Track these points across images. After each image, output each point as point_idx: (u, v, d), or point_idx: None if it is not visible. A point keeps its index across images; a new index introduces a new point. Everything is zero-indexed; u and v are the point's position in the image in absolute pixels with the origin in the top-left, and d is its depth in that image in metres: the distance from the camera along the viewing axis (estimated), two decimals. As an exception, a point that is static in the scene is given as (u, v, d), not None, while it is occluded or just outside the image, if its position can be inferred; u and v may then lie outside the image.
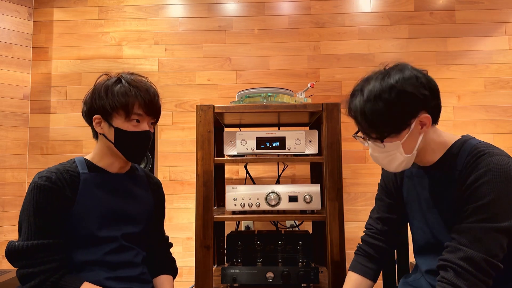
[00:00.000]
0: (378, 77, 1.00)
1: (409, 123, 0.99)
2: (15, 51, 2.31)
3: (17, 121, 2.29)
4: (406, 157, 1.02)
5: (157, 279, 1.29)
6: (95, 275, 1.10)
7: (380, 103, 0.97)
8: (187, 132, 2.30)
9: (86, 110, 1.18)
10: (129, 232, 1.18)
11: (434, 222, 1.08)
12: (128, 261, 1.17)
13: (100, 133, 1.17)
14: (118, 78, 1.17)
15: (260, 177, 2.27)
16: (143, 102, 1.15)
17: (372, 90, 0.99)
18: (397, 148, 1.01)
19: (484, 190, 0.93)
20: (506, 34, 2.27)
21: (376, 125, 1.00)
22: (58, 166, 1.14)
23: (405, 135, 1.00)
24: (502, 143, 2.20)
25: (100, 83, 1.18)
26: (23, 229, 1.06)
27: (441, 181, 1.06)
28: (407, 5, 2.32)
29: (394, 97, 0.96)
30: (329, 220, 1.54)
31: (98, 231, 1.12)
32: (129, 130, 1.14)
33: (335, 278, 1.51)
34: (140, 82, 1.17)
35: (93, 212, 1.12)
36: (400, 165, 1.05)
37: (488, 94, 2.25)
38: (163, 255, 1.36)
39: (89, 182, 1.14)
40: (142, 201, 1.26)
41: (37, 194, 1.06)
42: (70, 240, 1.10)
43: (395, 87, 0.96)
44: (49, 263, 1.04)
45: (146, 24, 2.37)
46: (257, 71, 2.32)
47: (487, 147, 1.00)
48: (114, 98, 1.13)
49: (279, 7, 2.35)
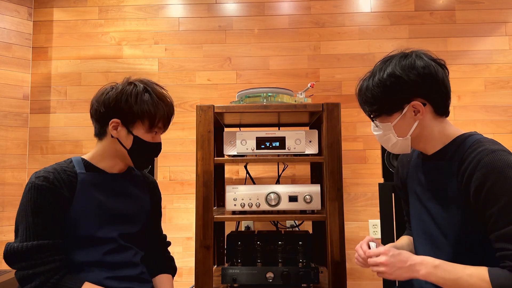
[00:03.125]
0: (381, 65, 1.08)
1: (400, 106, 1.04)
2: (15, 51, 2.31)
3: (17, 121, 2.29)
4: (399, 140, 1.08)
5: (157, 279, 1.29)
6: (95, 275, 1.10)
7: (375, 82, 1.05)
8: (187, 132, 2.29)
9: (104, 110, 1.14)
10: (127, 232, 1.18)
11: (435, 211, 1.08)
12: (127, 261, 1.17)
13: (114, 136, 1.15)
14: (145, 88, 1.16)
15: (260, 177, 2.27)
16: (166, 118, 1.19)
17: (372, 73, 1.08)
18: (389, 130, 1.08)
19: (494, 193, 0.92)
20: (506, 34, 2.27)
21: (369, 102, 1.08)
22: (55, 166, 1.13)
23: (396, 118, 1.06)
24: (502, 143, 2.18)
25: (127, 89, 1.14)
26: (21, 230, 1.05)
27: (442, 170, 1.06)
28: (407, 5, 2.32)
29: (385, 78, 1.03)
30: (329, 220, 1.53)
31: (96, 231, 1.11)
32: (148, 140, 1.17)
33: (335, 278, 1.51)
34: (165, 97, 1.20)
35: (91, 212, 1.12)
36: (394, 146, 1.11)
37: (488, 94, 2.25)
38: (162, 254, 1.36)
39: (87, 182, 1.13)
40: (139, 200, 1.26)
41: (34, 194, 1.05)
42: (68, 240, 1.10)
43: (388, 70, 1.04)
44: (49, 263, 1.04)
45: (146, 24, 2.37)
46: (257, 71, 2.32)
47: (489, 142, 1.00)
48: (143, 107, 1.13)
49: (279, 7, 2.35)
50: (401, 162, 1.29)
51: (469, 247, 1.00)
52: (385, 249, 1.00)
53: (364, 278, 2.19)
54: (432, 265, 0.95)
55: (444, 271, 0.94)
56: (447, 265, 0.95)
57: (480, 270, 0.91)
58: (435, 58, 1.07)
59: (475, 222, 0.98)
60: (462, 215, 1.00)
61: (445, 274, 0.93)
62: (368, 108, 1.10)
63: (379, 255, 1.01)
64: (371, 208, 2.22)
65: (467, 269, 0.93)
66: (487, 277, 0.89)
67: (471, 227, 0.99)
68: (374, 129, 1.14)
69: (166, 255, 1.37)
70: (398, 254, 0.98)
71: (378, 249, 1.03)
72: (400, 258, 0.98)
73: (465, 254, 0.98)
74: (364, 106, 1.11)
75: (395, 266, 0.97)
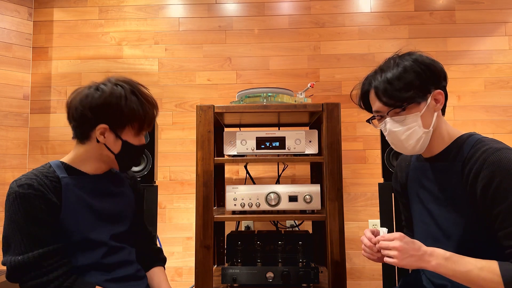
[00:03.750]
0: (395, 59, 1.07)
1: (426, 95, 1.04)
2: (15, 51, 2.31)
3: (17, 121, 2.29)
4: (424, 132, 1.05)
5: (151, 272, 1.29)
6: (93, 278, 1.09)
7: (403, 69, 1.03)
8: (187, 132, 2.30)
9: (91, 115, 1.08)
10: (119, 231, 1.18)
11: (438, 213, 1.08)
12: (123, 260, 1.16)
13: (100, 142, 1.11)
14: (131, 89, 1.11)
15: (260, 177, 2.27)
16: (152, 120, 1.16)
17: (393, 65, 1.05)
18: (416, 121, 1.04)
19: (502, 190, 0.92)
20: (506, 34, 2.27)
21: (402, 90, 1.03)
22: (34, 172, 1.07)
23: (423, 107, 1.04)
24: (502, 143, 2.20)
25: (115, 92, 1.09)
26: (16, 243, 1.00)
27: (445, 171, 1.06)
28: (407, 5, 2.32)
29: (415, 65, 1.03)
30: (329, 220, 1.53)
31: (89, 234, 1.09)
32: (135, 144, 1.15)
33: (335, 278, 1.51)
34: (150, 97, 1.16)
35: (81, 216, 1.09)
36: (417, 142, 1.06)
37: (488, 94, 2.25)
38: (150, 247, 1.36)
39: (71, 186, 1.10)
40: (124, 198, 1.24)
41: (22, 204, 1.01)
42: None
43: (414, 59, 1.04)
44: (60, 268, 1.02)
45: (146, 24, 2.37)
46: (257, 71, 2.32)
47: (491, 141, 1.00)
48: (133, 112, 1.09)
49: (279, 7, 2.35)
50: (399, 166, 1.29)
51: (472, 248, 1.00)
52: (400, 235, 0.98)
53: (364, 278, 2.19)
54: (443, 257, 0.95)
55: (455, 263, 0.94)
56: (457, 257, 0.95)
57: (491, 263, 0.91)
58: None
59: (480, 222, 0.98)
60: (466, 216, 1.00)
61: (456, 266, 0.93)
62: (395, 99, 1.03)
63: (393, 239, 0.98)
64: (371, 208, 2.22)
65: (478, 262, 0.93)
66: (498, 270, 0.89)
67: (475, 228, 0.99)
68: (394, 125, 1.07)
69: (154, 248, 1.38)
70: (411, 242, 0.97)
71: (393, 234, 1.00)
72: (414, 246, 0.96)
73: (468, 255, 0.98)
74: (389, 99, 1.04)
75: (408, 253, 0.95)
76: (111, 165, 1.18)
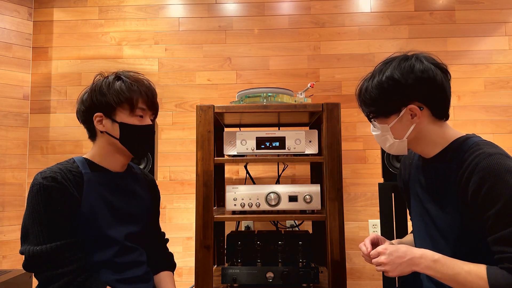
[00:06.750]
0: (384, 65, 1.09)
1: (397, 109, 1.05)
2: (15, 51, 2.31)
3: (17, 121, 2.29)
4: (395, 141, 1.09)
5: (159, 276, 1.29)
6: (104, 276, 1.10)
7: (374, 84, 1.06)
8: (187, 132, 2.30)
9: (84, 109, 1.16)
10: (134, 231, 1.18)
11: (435, 213, 1.08)
12: (134, 261, 1.17)
13: (102, 131, 1.15)
14: (117, 75, 1.17)
15: (260, 177, 2.27)
16: (145, 97, 1.17)
17: (378, 73, 1.08)
18: (386, 131, 1.09)
19: (491, 196, 0.91)
20: (506, 34, 2.27)
21: (367, 103, 1.09)
22: (59, 166, 1.11)
23: (393, 120, 1.06)
24: (502, 143, 2.20)
25: (99, 81, 1.17)
26: (34, 233, 1.02)
27: (441, 173, 1.06)
28: (407, 5, 2.32)
29: (383, 81, 1.04)
30: (329, 220, 1.54)
31: (106, 231, 1.11)
32: (134, 124, 1.15)
33: (335, 278, 1.51)
34: (140, 79, 1.19)
35: (100, 212, 1.11)
36: (391, 147, 1.11)
37: (488, 94, 2.25)
38: (162, 251, 1.37)
39: (93, 182, 1.13)
40: (141, 199, 1.26)
41: (45, 196, 1.03)
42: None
43: (387, 72, 1.04)
44: (75, 262, 1.03)
45: (146, 24, 2.37)
46: (257, 71, 2.32)
47: (486, 145, 0.99)
48: (117, 93, 1.13)
49: (279, 7, 2.35)
50: (403, 164, 1.29)
51: (468, 249, 1.00)
52: (383, 248, 1.00)
53: (364, 278, 2.19)
54: (431, 259, 0.95)
55: (443, 266, 0.94)
56: (446, 260, 0.95)
57: (479, 267, 0.91)
58: (436, 62, 1.06)
59: (474, 225, 0.98)
60: (461, 218, 1.00)
61: (444, 269, 0.94)
62: (366, 109, 1.11)
63: (378, 255, 1.01)
64: (371, 208, 2.22)
65: (466, 265, 0.93)
66: (484, 275, 0.89)
67: (470, 230, 0.99)
68: (372, 129, 1.16)
69: (166, 252, 1.38)
70: (395, 251, 0.98)
71: (377, 249, 1.03)
72: (398, 254, 0.98)
73: (465, 256, 0.98)
74: (362, 106, 1.13)
75: (395, 263, 0.98)
76: (126, 155, 1.19)
